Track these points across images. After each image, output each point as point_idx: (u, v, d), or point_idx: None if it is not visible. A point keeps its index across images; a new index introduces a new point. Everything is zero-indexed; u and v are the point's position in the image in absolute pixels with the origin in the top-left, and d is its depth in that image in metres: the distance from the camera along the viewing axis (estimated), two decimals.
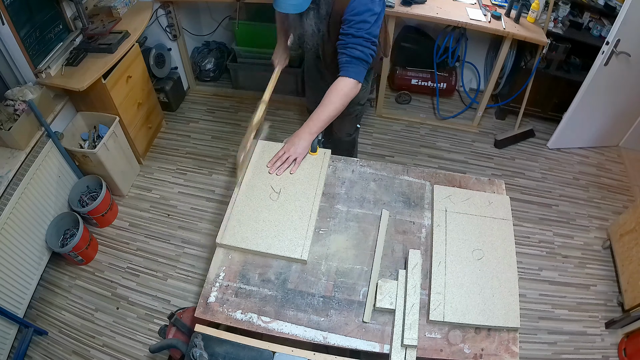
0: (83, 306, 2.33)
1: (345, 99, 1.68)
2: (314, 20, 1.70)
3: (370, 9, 1.59)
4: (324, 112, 1.68)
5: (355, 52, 1.63)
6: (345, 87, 1.66)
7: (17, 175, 2.13)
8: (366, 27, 1.60)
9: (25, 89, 2.19)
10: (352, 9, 1.58)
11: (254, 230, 1.54)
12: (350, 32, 1.61)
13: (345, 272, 1.48)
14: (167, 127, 3.27)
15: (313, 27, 1.73)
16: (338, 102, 1.67)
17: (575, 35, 2.82)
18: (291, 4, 1.55)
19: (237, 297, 1.42)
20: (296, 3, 1.54)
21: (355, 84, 1.67)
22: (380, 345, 1.33)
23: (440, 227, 1.58)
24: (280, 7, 1.55)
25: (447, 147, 3.19)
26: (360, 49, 1.63)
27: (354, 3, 1.58)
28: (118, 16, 2.63)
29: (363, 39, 1.61)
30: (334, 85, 1.68)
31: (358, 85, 1.69)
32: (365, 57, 1.64)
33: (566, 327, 2.31)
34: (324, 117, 1.69)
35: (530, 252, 2.61)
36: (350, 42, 1.62)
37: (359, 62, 1.65)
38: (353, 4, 1.58)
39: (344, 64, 1.66)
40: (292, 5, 1.55)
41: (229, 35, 3.52)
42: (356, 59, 1.64)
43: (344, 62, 1.66)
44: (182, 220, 2.70)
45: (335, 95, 1.67)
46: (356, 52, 1.63)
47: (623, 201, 2.92)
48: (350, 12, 1.59)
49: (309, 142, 1.73)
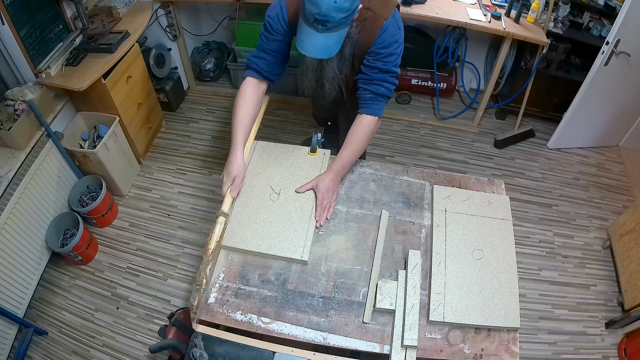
0: (83, 306, 2.33)
1: (370, 137, 1.64)
2: (336, 62, 1.62)
3: (398, 40, 1.53)
4: (351, 153, 1.63)
5: (381, 89, 1.57)
6: (371, 125, 1.61)
7: (17, 175, 2.13)
8: (393, 59, 1.54)
9: (25, 89, 2.19)
10: (382, 42, 1.51)
11: (254, 231, 1.54)
12: (377, 66, 1.55)
13: (345, 273, 1.48)
14: (167, 127, 3.27)
15: (334, 70, 1.65)
16: (364, 142, 1.63)
17: (575, 35, 2.82)
18: (321, 48, 1.39)
19: (237, 298, 1.42)
20: (326, 47, 1.39)
21: (378, 121, 1.63)
22: (380, 345, 1.33)
23: (440, 228, 1.58)
24: (307, 50, 1.40)
25: (447, 147, 3.19)
26: (385, 85, 1.57)
27: (384, 35, 1.50)
28: (118, 16, 2.63)
29: (389, 73, 1.56)
30: (359, 124, 1.61)
31: (379, 121, 1.64)
32: (389, 93, 1.60)
33: (566, 327, 2.31)
34: (352, 158, 1.64)
35: (530, 252, 2.61)
36: (376, 78, 1.56)
37: (382, 98, 1.60)
38: (383, 36, 1.50)
39: (368, 100, 1.60)
40: (322, 49, 1.40)
41: (229, 35, 3.52)
42: (381, 96, 1.59)
43: (368, 98, 1.60)
44: (182, 220, 2.70)
45: (362, 135, 1.61)
46: (381, 89, 1.57)
47: (623, 201, 2.92)
48: (379, 45, 1.52)
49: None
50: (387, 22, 1.49)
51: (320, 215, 1.59)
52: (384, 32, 1.50)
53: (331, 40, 1.37)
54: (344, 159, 1.63)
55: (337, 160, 1.64)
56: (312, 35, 1.35)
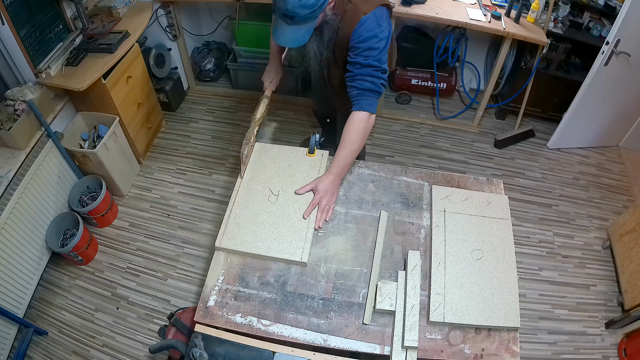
0: (83, 306, 2.34)
1: (364, 134, 1.63)
2: (316, 44, 1.68)
3: (376, 35, 1.53)
4: (348, 153, 1.62)
5: (366, 83, 1.58)
6: (362, 122, 1.61)
7: (17, 175, 2.13)
8: (374, 54, 1.55)
9: (25, 89, 2.19)
10: (358, 36, 1.53)
11: (253, 233, 1.53)
12: (357, 61, 1.56)
13: (344, 274, 1.48)
14: (167, 127, 3.27)
15: (315, 51, 1.72)
16: (359, 139, 1.62)
17: (575, 35, 2.82)
18: (290, 39, 1.51)
19: (237, 301, 1.42)
20: (295, 37, 1.50)
21: (369, 116, 1.62)
22: (380, 347, 1.33)
23: (439, 228, 1.58)
24: (279, 40, 1.53)
25: (447, 147, 3.19)
26: (370, 79, 1.57)
27: (360, 30, 1.52)
28: (118, 16, 2.63)
29: (372, 67, 1.56)
30: (350, 122, 1.62)
31: (373, 117, 1.63)
32: (376, 87, 1.59)
33: (566, 327, 2.32)
34: (350, 158, 1.64)
35: (530, 252, 2.61)
36: (359, 74, 1.57)
37: (370, 93, 1.60)
38: (358, 30, 1.53)
39: (355, 97, 1.61)
40: (291, 39, 1.52)
41: (229, 35, 3.52)
42: (367, 91, 1.59)
43: (355, 95, 1.61)
44: (182, 220, 2.70)
45: (355, 133, 1.61)
46: (366, 84, 1.58)
47: (623, 201, 2.92)
48: (356, 39, 1.54)
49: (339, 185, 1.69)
50: (365, 17, 1.52)
51: (320, 219, 1.58)
52: (360, 26, 1.53)
53: (300, 32, 1.49)
54: (341, 160, 1.63)
55: (335, 162, 1.63)
56: (282, 27, 1.48)
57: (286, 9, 1.40)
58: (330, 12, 1.54)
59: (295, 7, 1.39)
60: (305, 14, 1.42)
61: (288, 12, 1.41)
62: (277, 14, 1.47)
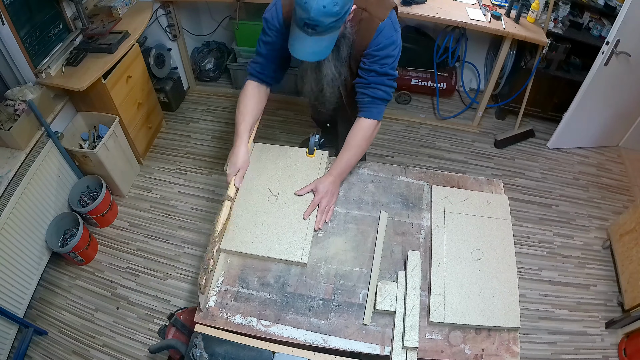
0: (83, 306, 2.34)
1: (370, 140, 1.63)
2: (334, 63, 1.60)
3: (394, 41, 1.50)
4: (351, 156, 1.62)
5: (379, 92, 1.56)
6: (369, 129, 1.60)
7: (17, 175, 2.13)
8: (390, 61, 1.53)
9: (25, 89, 2.19)
10: (378, 44, 1.49)
11: (253, 234, 1.53)
12: (373, 69, 1.53)
13: (344, 275, 1.48)
14: (167, 127, 3.27)
15: (333, 72, 1.63)
16: (364, 145, 1.62)
17: (575, 35, 2.81)
18: (310, 51, 1.39)
19: (237, 302, 1.42)
20: (317, 50, 1.39)
21: (377, 124, 1.62)
22: (380, 347, 1.33)
23: (439, 228, 1.58)
24: (298, 54, 1.40)
25: (447, 147, 3.19)
26: (383, 88, 1.56)
27: (379, 37, 1.48)
28: (118, 16, 2.63)
29: (387, 76, 1.54)
30: (358, 127, 1.60)
31: (379, 124, 1.63)
32: (387, 96, 1.58)
33: (566, 327, 2.32)
34: (352, 161, 1.64)
35: (530, 252, 2.61)
36: (373, 82, 1.54)
37: (381, 102, 1.59)
38: (378, 37, 1.48)
39: (366, 104, 1.59)
40: (312, 52, 1.40)
41: (229, 35, 3.51)
42: (379, 99, 1.58)
43: (366, 102, 1.59)
44: (182, 220, 2.70)
45: (362, 139, 1.60)
46: (379, 93, 1.56)
47: (623, 201, 2.92)
48: (375, 47, 1.50)
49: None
50: (383, 24, 1.48)
51: (320, 220, 1.58)
52: (379, 33, 1.48)
53: (322, 43, 1.38)
54: (343, 162, 1.62)
55: (337, 164, 1.63)
56: (302, 38, 1.35)
57: (308, 17, 1.28)
58: (349, 25, 1.48)
59: (319, 14, 1.27)
60: (329, 22, 1.31)
61: (310, 20, 1.29)
62: (296, 24, 1.35)
